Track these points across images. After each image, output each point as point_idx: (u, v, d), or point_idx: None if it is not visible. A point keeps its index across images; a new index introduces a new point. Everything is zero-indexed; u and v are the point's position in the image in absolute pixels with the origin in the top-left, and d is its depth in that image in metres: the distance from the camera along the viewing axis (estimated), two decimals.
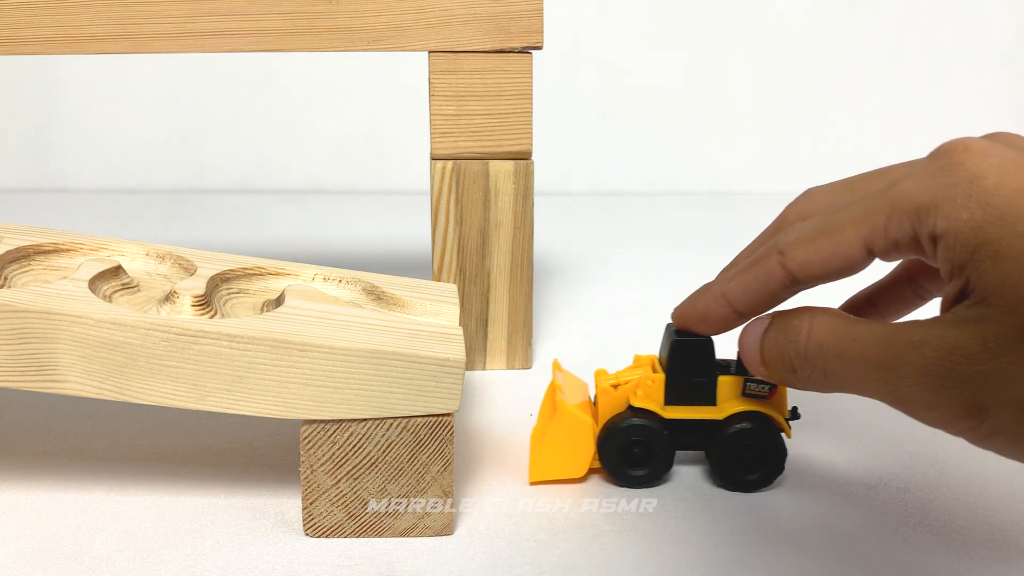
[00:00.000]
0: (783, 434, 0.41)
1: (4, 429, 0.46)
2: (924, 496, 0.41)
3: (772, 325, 0.35)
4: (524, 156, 0.52)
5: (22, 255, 0.41)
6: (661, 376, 0.41)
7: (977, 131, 0.35)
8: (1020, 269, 0.28)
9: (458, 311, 0.42)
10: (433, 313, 0.42)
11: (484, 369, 0.55)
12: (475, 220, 0.52)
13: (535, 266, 0.55)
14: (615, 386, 0.42)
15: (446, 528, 0.38)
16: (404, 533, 0.37)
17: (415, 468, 0.37)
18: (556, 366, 0.44)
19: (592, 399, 0.44)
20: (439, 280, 0.53)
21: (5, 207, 1.01)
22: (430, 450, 0.37)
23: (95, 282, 0.39)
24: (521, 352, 0.55)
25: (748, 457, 0.41)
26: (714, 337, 0.40)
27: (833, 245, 0.33)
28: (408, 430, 0.36)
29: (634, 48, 1.08)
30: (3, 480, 0.41)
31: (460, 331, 0.39)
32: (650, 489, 0.41)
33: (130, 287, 0.41)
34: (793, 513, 0.40)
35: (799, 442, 0.46)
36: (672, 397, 0.41)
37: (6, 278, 0.40)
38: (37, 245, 0.42)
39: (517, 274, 0.53)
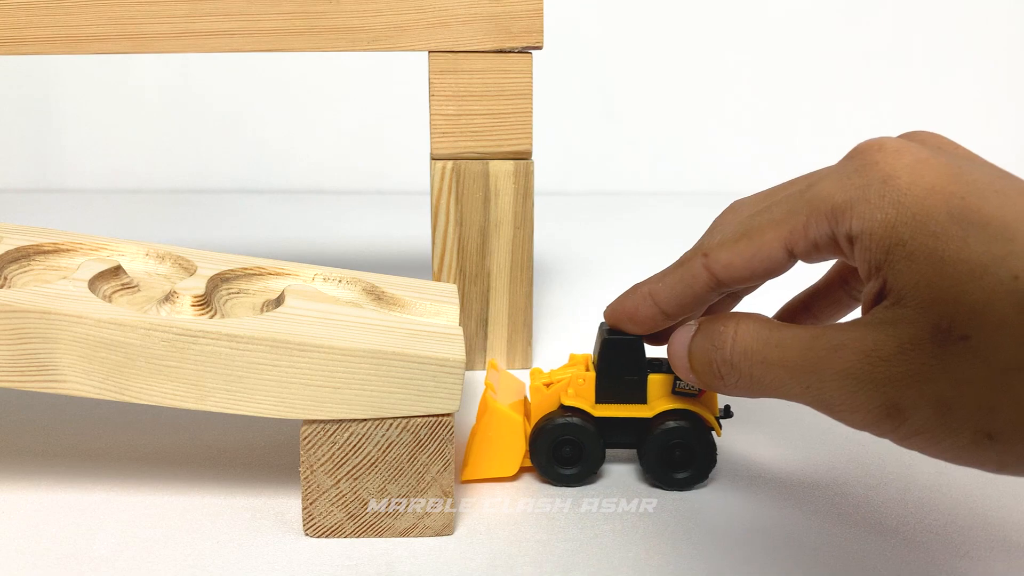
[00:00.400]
0: (713, 432, 0.41)
1: (4, 429, 0.46)
2: (924, 496, 0.41)
3: (699, 331, 0.36)
4: (524, 156, 0.52)
5: (22, 255, 0.41)
6: (592, 375, 0.41)
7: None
8: (933, 268, 0.29)
9: (458, 311, 0.42)
10: (433, 313, 0.42)
11: (484, 369, 0.55)
12: (475, 220, 0.52)
13: (535, 266, 0.55)
14: (547, 385, 0.42)
15: (446, 528, 0.38)
16: (404, 533, 0.37)
17: (415, 468, 0.37)
18: (492, 365, 0.45)
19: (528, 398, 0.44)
20: (439, 280, 0.53)
21: (5, 207, 1.01)
22: (430, 450, 0.37)
23: (95, 282, 0.39)
24: (521, 352, 0.55)
25: (678, 455, 0.41)
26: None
27: (755, 247, 0.34)
28: (408, 430, 0.36)
29: (634, 48, 1.08)
30: (3, 480, 0.41)
31: (460, 331, 0.39)
32: (650, 489, 0.41)
33: (130, 287, 0.41)
34: (793, 513, 0.40)
35: (798, 442, 0.46)
36: (603, 395, 0.41)
37: (6, 278, 0.40)
38: (37, 245, 0.42)
39: (517, 274, 0.53)
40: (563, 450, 0.41)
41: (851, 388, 0.30)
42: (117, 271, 0.41)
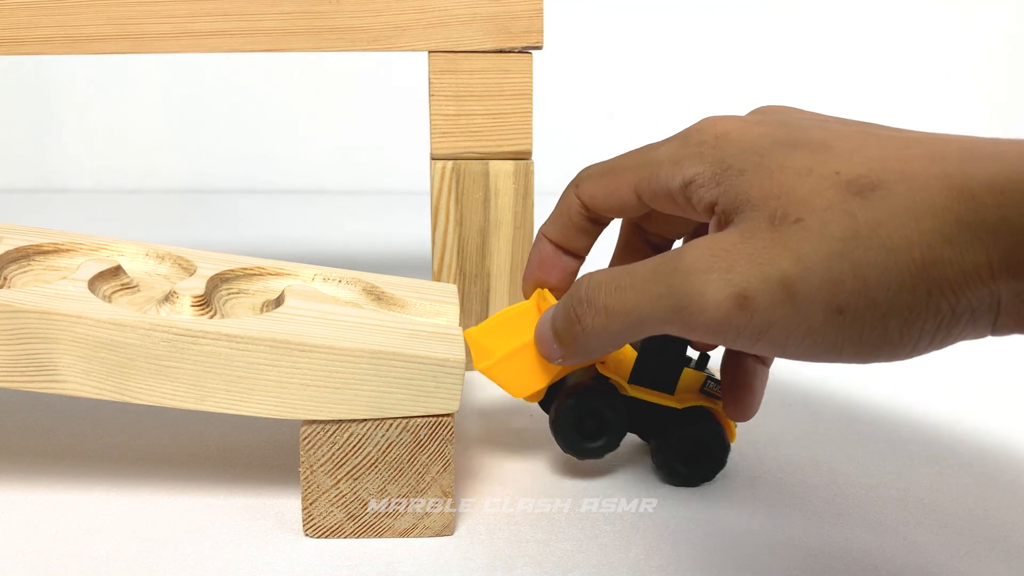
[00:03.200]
0: (727, 437, 0.41)
1: (4, 429, 0.46)
2: (924, 496, 0.41)
3: (560, 301, 0.37)
4: (524, 156, 0.52)
5: (22, 255, 0.41)
6: (633, 353, 0.41)
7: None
8: (761, 175, 0.31)
9: (458, 311, 0.42)
10: (433, 313, 0.42)
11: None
12: (475, 220, 0.52)
13: None
14: None
15: (446, 528, 0.38)
16: (404, 533, 0.37)
17: (415, 468, 0.37)
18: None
19: None
20: (439, 280, 0.53)
21: (5, 207, 1.01)
22: (430, 450, 0.37)
23: (95, 282, 0.39)
24: None
25: (692, 453, 0.41)
26: None
27: (613, 185, 0.37)
28: (408, 430, 0.36)
29: (635, 47, 1.08)
30: (3, 480, 0.41)
31: (460, 331, 0.39)
32: (650, 489, 0.41)
33: (130, 287, 0.41)
34: (792, 513, 0.40)
35: (797, 442, 0.46)
36: (637, 376, 0.41)
37: (6, 278, 0.40)
38: (37, 245, 0.42)
39: (517, 274, 0.53)
40: (586, 423, 0.41)
41: (699, 283, 0.30)
42: (117, 271, 0.41)
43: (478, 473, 0.43)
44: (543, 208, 0.41)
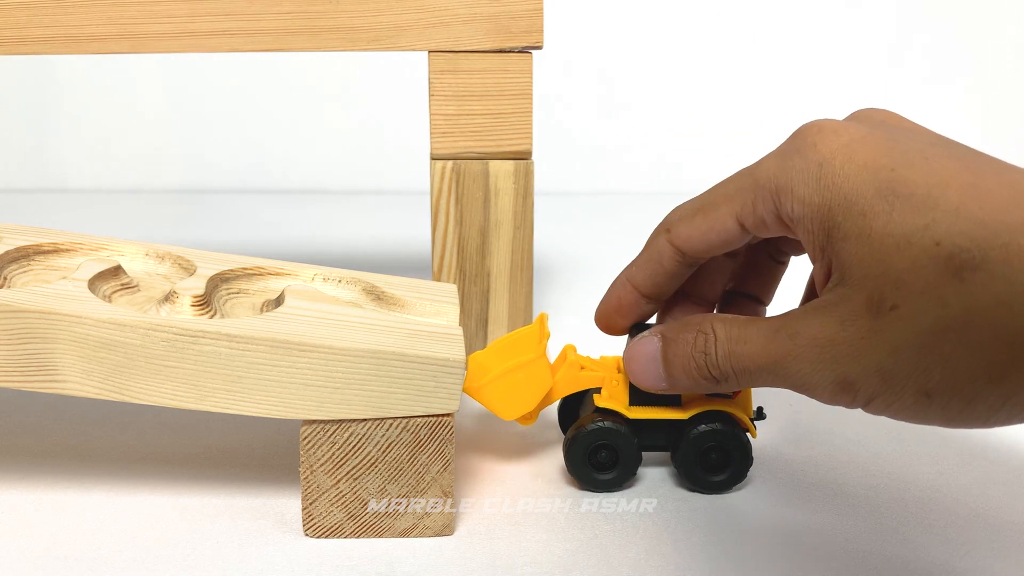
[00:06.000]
0: (748, 434, 0.41)
1: (4, 429, 0.46)
2: (924, 496, 0.41)
3: (670, 340, 0.37)
4: (524, 156, 0.52)
5: (22, 255, 0.41)
6: (624, 376, 0.41)
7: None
8: (862, 246, 0.31)
9: (458, 311, 0.42)
10: (433, 313, 0.42)
11: None
12: (475, 220, 0.52)
13: (535, 266, 0.55)
14: (581, 368, 0.42)
15: (446, 528, 0.38)
16: (404, 533, 0.37)
17: (415, 468, 0.37)
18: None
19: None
20: (439, 280, 0.53)
21: (5, 207, 1.01)
22: (430, 450, 0.37)
23: (95, 282, 0.39)
24: None
25: (713, 458, 0.41)
26: None
27: (711, 221, 0.36)
28: (408, 430, 0.36)
29: (634, 48, 1.08)
30: (3, 480, 0.41)
31: (460, 331, 0.39)
32: (651, 489, 0.41)
33: (130, 287, 0.41)
34: (793, 513, 0.40)
35: (798, 442, 0.46)
36: (637, 398, 0.41)
37: (6, 278, 0.40)
38: (37, 245, 0.42)
39: (517, 274, 0.53)
40: (599, 455, 0.41)
41: (808, 371, 0.32)
42: (117, 271, 0.41)
43: (478, 473, 0.43)
44: (543, 208, 0.41)
